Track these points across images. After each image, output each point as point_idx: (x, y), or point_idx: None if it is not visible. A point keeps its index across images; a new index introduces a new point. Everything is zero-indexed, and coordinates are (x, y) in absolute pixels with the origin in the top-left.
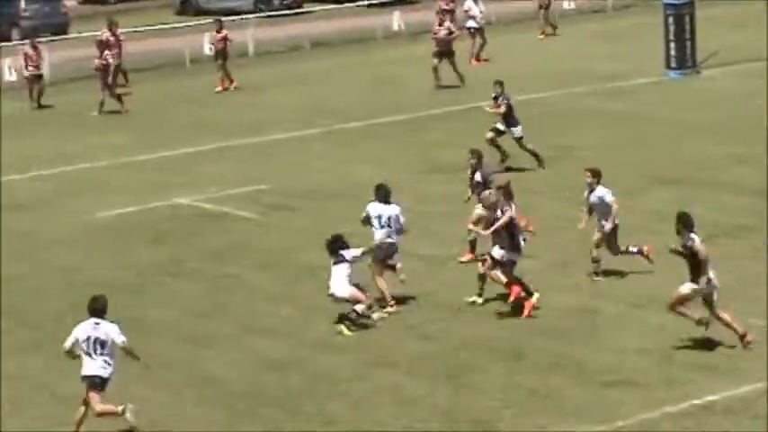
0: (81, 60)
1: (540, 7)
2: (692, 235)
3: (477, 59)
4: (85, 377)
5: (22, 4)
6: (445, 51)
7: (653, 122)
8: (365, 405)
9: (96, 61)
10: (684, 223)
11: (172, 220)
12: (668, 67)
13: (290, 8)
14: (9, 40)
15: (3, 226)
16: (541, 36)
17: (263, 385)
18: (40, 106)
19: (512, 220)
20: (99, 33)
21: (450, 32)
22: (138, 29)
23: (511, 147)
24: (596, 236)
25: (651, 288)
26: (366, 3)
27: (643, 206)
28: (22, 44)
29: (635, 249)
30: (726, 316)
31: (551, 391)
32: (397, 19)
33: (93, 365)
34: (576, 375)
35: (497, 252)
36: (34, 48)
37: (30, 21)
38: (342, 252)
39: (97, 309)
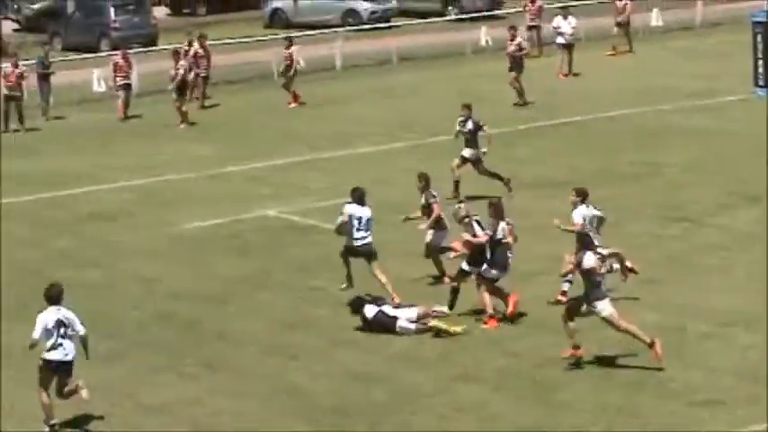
0: (168, 72)
1: (618, 25)
2: (588, 253)
3: (566, 74)
4: (58, 362)
5: (112, 15)
6: (514, 66)
7: (740, 139)
8: (448, 421)
9: (172, 72)
10: (582, 242)
11: (258, 232)
12: (756, 84)
13: (378, 22)
14: (98, 50)
15: (89, 234)
16: (611, 53)
17: (348, 398)
18: (126, 117)
19: (489, 240)
20: (181, 45)
21: (521, 48)
22: (228, 41)
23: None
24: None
25: (738, 306)
26: (454, 17)
27: (729, 224)
28: (113, 54)
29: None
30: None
31: (638, 409)
32: (484, 34)
33: (61, 350)
34: (662, 393)
35: (488, 272)
36: (125, 58)
37: (119, 32)
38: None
39: (53, 296)
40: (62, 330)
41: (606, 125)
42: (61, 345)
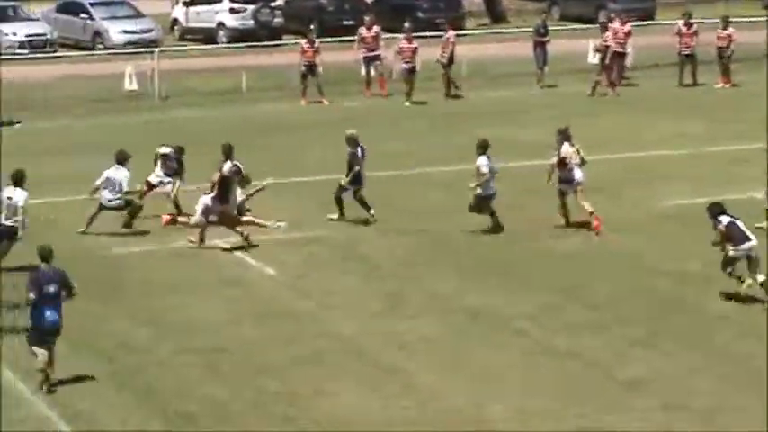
0: (664, 48)
1: None
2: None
3: None
4: (110, 206)
5: None
6: None
7: None
8: None
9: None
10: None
11: (744, 214)
12: None
13: None
14: (596, 22)
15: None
16: None
17: None
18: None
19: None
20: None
21: None
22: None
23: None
24: None
25: None
26: None
27: None
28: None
29: None
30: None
31: None
32: None
33: (111, 197)
34: None
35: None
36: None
37: (618, 4)
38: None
39: (121, 159)
40: (107, 183)
41: None
42: (105, 193)
